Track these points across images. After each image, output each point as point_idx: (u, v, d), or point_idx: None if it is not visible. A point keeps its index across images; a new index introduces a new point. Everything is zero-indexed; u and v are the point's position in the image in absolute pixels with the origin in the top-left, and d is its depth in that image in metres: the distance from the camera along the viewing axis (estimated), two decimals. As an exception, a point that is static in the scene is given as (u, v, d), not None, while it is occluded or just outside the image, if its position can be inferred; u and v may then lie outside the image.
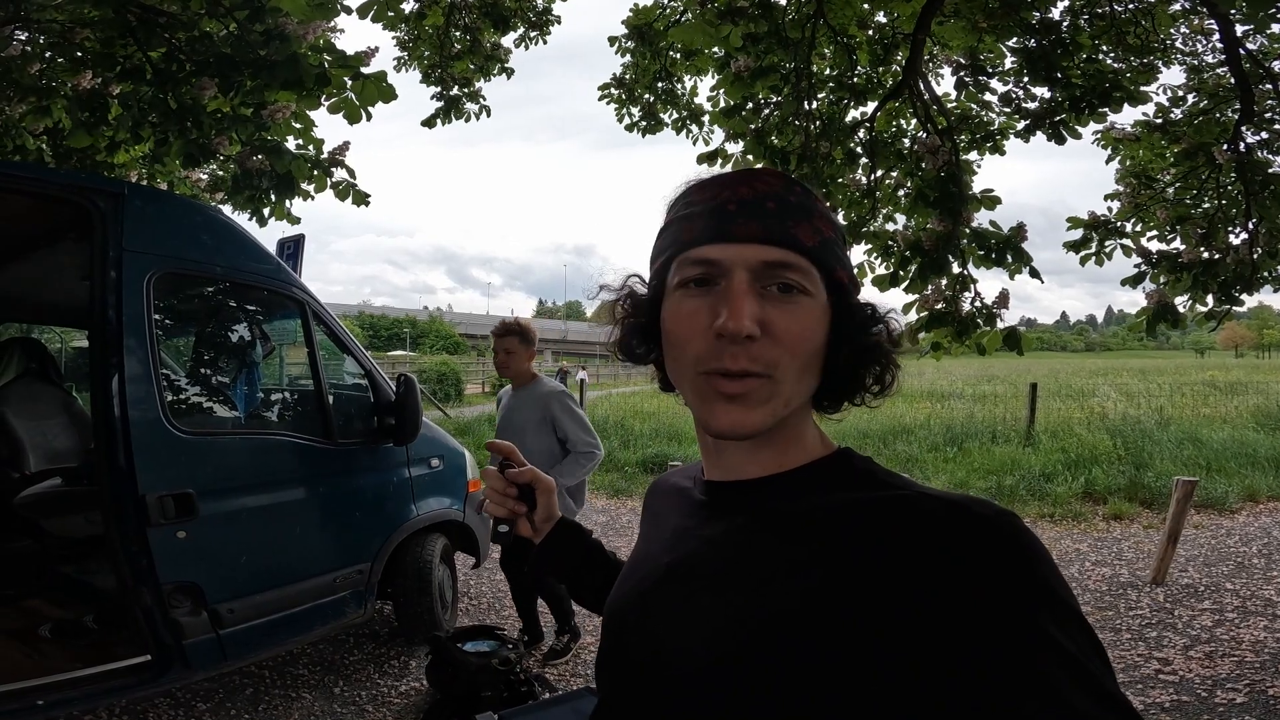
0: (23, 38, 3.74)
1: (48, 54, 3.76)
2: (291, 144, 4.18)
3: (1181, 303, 4.62)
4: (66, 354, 6.61)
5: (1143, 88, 4.27)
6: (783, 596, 0.52)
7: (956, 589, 0.46)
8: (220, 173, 4.85)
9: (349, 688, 3.24)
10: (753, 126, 4.19)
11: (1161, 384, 17.32)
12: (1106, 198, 5.03)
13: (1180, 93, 4.37)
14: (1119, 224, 4.87)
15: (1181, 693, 3.12)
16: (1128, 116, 4.52)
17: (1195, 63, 4.25)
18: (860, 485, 0.57)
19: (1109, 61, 4.04)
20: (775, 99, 3.99)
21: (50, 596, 3.20)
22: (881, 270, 4.52)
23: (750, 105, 4.00)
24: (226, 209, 4.68)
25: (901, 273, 4.42)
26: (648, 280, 0.67)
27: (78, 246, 3.38)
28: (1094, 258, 5.13)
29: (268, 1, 3.16)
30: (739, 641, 0.53)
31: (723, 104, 4.24)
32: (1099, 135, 4.90)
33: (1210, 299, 4.61)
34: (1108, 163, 4.86)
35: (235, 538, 2.79)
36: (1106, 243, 5.02)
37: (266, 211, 4.37)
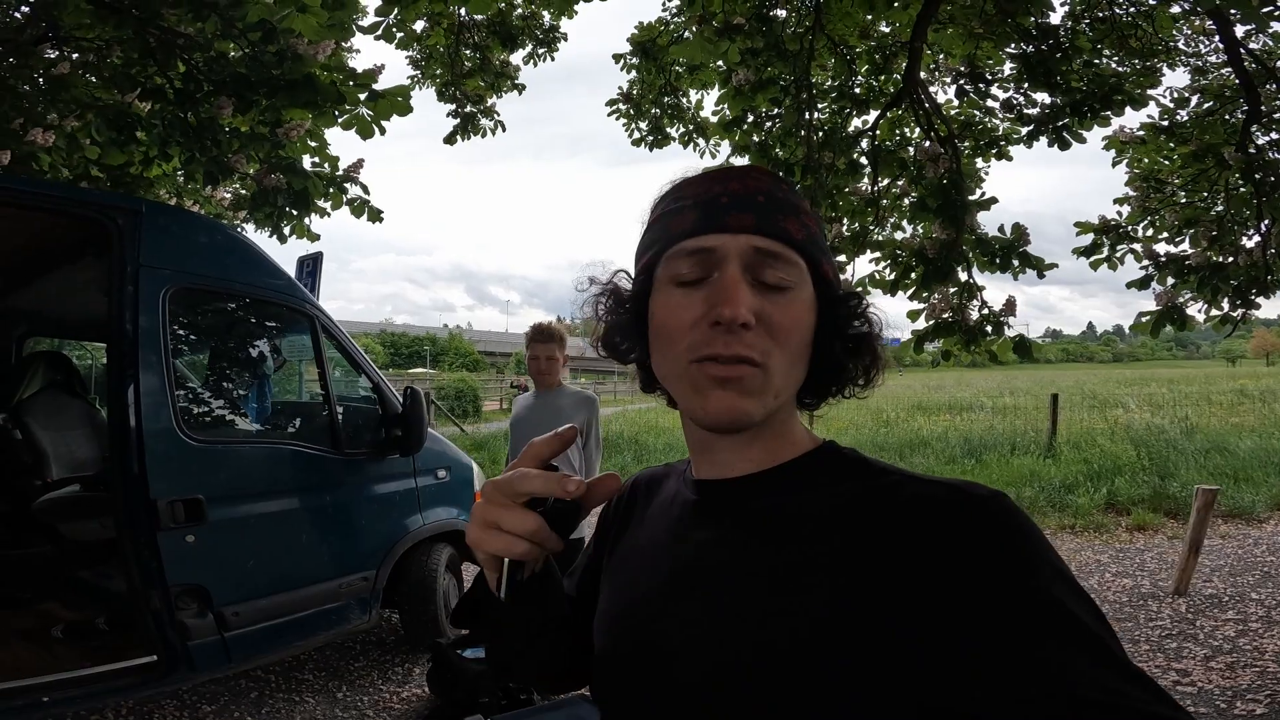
0: (53, 55, 3.90)
1: (81, 71, 3.91)
2: (307, 162, 4.32)
3: (1198, 308, 4.56)
4: (97, 370, 6.80)
5: (1148, 90, 4.26)
6: (785, 597, 0.52)
7: (965, 572, 0.47)
8: (243, 191, 5.00)
9: (352, 693, 3.27)
10: (755, 139, 4.24)
11: (1189, 393, 16.92)
12: (1116, 202, 4.98)
13: (1185, 94, 4.33)
14: (1129, 228, 4.82)
15: (1199, 704, 3.03)
16: (1135, 120, 4.49)
17: (1200, 64, 4.22)
18: (852, 476, 0.57)
19: (1112, 65, 4.03)
20: (777, 111, 4.03)
21: (64, 599, 3.28)
22: (887, 276, 4.51)
23: (751, 118, 4.04)
24: (249, 227, 4.84)
25: (906, 280, 4.42)
26: (633, 276, 0.65)
27: (97, 262, 3.51)
28: (1105, 263, 5.08)
29: (280, 23, 3.27)
30: (741, 646, 0.52)
31: (725, 117, 4.28)
32: (1107, 139, 4.87)
33: (1226, 303, 4.55)
34: (1114, 166, 4.82)
35: (242, 543, 2.85)
36: (1118, 248, 4.97)
37: (287, 229, 4.50)
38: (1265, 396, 14.28)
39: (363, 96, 3.64)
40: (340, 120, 3.80)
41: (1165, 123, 4.25)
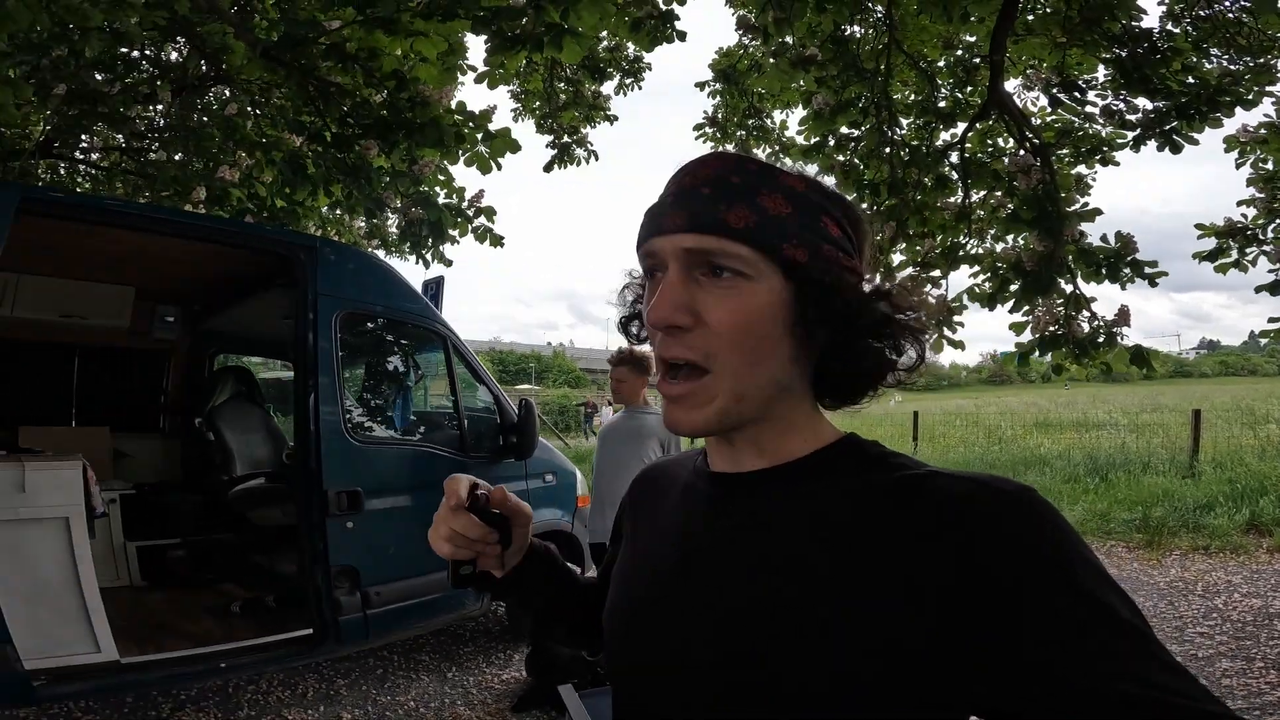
0: (226, 93, 4.63)
1: (255, 111, 4.63)
2: (440, 196, 4.91)
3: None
4: (270, 384, 7.79)
5: (1268, 87, 4.02)
6: (800, 587, 0.52)
7: (995, 567, 0.46)
8: (376, 223, 5.72)
9: (460, 673, 3.71)
10: (840, 159, 4.39)
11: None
12: (1240, 204, 4.70)
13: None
14: (1255, 230, 4.53)
15: (1310, 725, 2.87)
16: (1254, 117, 4.23)
17: (1322, 57, 3.93)
18: (874, 469, 0.56)
19: (1223, 64, 3.86)
20: (857, 132, 4.16)
21: (242, 580, 3.90)
22: (986, 290, 4.47)
23: (832, 141, 4.19)
24: (381, 253, 5.54)
25: (1005, 293, 4.36)
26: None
27: (282, 291, 4.12)
28: (1235, 266, 4.79)
29: (409, 73, 3.79)
30: (756, 635, 0.53)
31: (810, 140, 4.45)
32: (1227, 140, 4.61)
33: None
34: (1238, 167, 4.54)
35: (386, 530, 3.27)
36: (1248, 250, 4.68)
37: (429, 256, 5.12)
38: None
39: (480, 136, 4.13)
40: (463, 158, 4.32)
41: (1288, 119, 3.99)
